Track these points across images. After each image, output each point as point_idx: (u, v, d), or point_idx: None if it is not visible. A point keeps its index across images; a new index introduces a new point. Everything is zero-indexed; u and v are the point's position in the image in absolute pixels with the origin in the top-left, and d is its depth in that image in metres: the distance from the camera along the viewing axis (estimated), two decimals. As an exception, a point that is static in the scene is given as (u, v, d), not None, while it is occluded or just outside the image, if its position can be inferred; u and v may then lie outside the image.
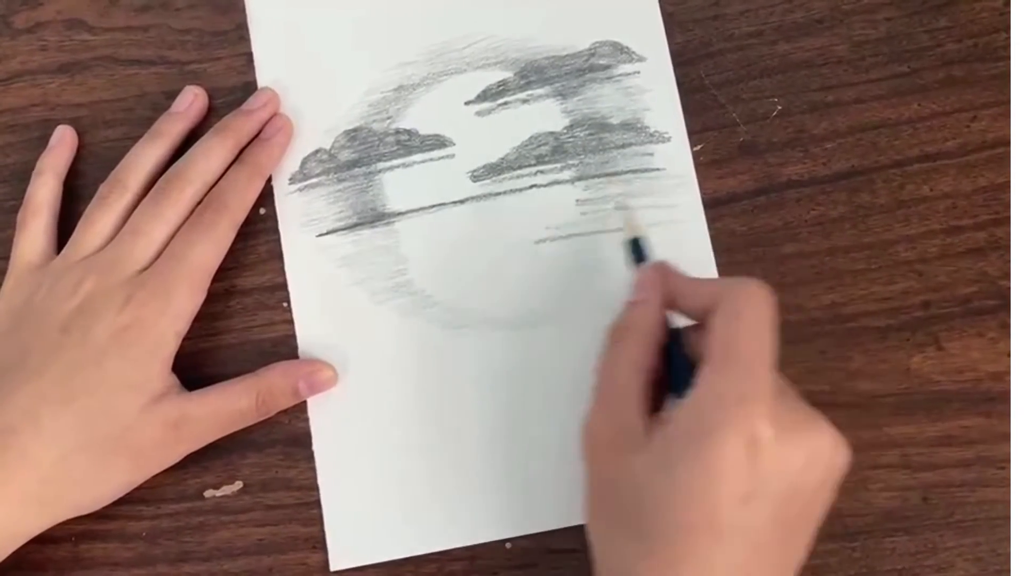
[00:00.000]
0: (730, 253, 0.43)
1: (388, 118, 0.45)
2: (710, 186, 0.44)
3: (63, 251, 0.43)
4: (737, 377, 0.33)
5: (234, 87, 0.46)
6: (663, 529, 0.32)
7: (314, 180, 0.45)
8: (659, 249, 0.43)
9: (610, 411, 0.35)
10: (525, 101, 0.45)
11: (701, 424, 0.32)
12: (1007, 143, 0.43)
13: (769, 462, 0.32)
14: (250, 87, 0.46)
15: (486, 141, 0.45)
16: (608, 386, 0.36)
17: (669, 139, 0.44)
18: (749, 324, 0.33)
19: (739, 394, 0.32)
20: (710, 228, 0.43)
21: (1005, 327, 0.41)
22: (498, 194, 0.44)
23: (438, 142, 0.45)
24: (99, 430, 0.39)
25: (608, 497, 0.35)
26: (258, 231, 0.45)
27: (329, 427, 0.43)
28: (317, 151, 0.45)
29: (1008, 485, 0.40)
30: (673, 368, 0.36)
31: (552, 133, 0.44)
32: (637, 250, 0.40)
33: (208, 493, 0.43)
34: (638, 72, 0.45)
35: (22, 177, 0.45)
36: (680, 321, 0.37)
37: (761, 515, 0.32)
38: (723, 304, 0.34)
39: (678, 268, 0.38)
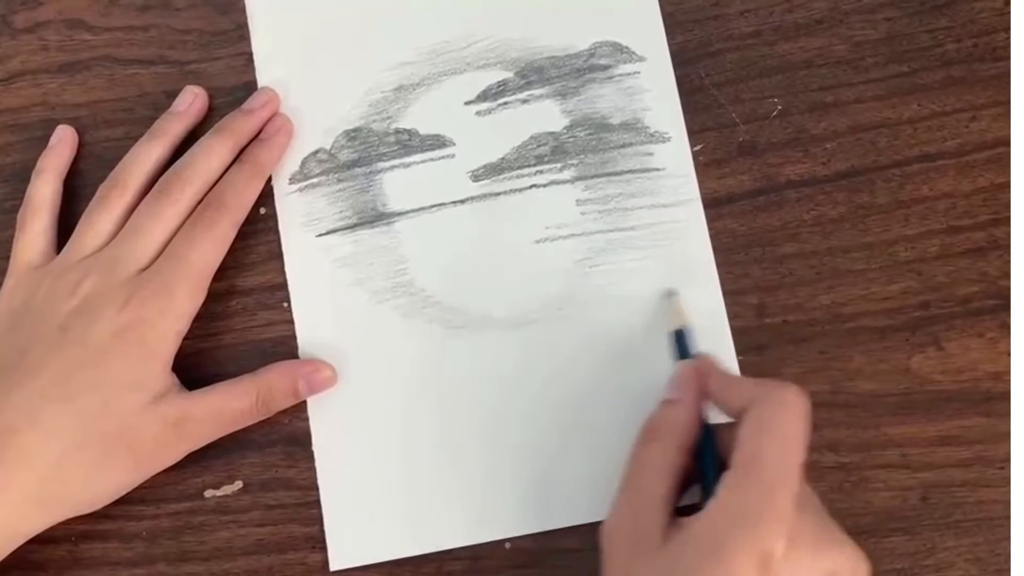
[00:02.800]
0: (730, 253, 0.43)
1: (388, 118, 0.45)
2: (710, 186, 0.44)
3: (63, 251, 0.43)
4: (757, 493, 0.32)
5: (234, 87, 0.46)
6: None
7: (314, 180, 0.45)
8: (657, 250, 0.43)
9: (633, 511, 0.35)
10: (525, 101, 0.45)
11: (715, 538, 0.32)
12: (1007, 143, 0.43)
13: None
14: (250, 87, 0.46)
15: (486, 141, 0.45)
16: (635, 486, 0.36)
17: (669, 139, 0.44)
18: (776, 437, 0.33)
19: (757, 511, 0.32)
20: (710, 228, 0.43)
21: (1005, 327, 0.41)
22: (498, 194, 0.44)
23: (438, 142, 0.45)
24: (99, 429, 0.39)
25: None
26: (258, 231, 0.45)
27: (329, 427, 0.43)
28: (317, 151, 0.45)
29: (1008, 485, 0.40)
30: (703, 465, 0.36)
31: (552, 133, 0.44)
32: (680, 341, 0.40)
33: (208, 493, 0.43)
34: (638, 72, 0.45)
35: (22, 177, 0.45)
36: (717, 416, 0.37)
37: None
38: (754, 410, 0.34)
39: (719, 363, 0.38)
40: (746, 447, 0.33)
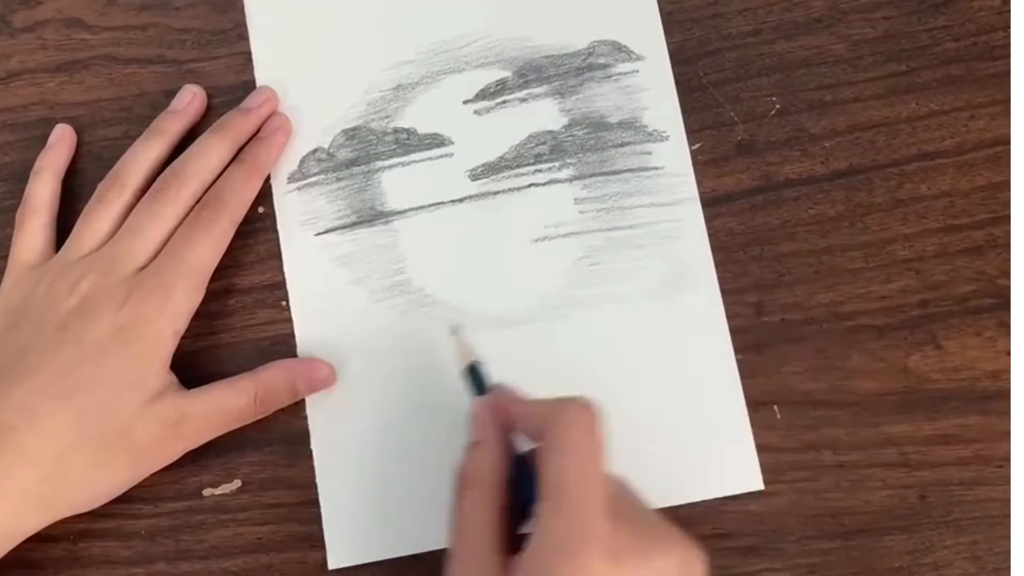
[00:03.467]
0: (728, 252, 0.43)
1: (387, 117, 0.45)
2: (708, 185, 0.44)
3: (62, 250, 0.43)
4: (567, 520, 0.32)
5: (233, 86, 0.46)
6: None
7: (313, 179, 0.45)
8: (656, 248, 0.43)
9: (466, 561, 0.34)
10: (523, 100, 0.45)
11: (540, 573, 0.32)
12: (1005, 142, 0.43)
13: None
14: (249, 86, 0.46)
15: (485, 140, 0.45)
16: (463, 539, 0.35)
17: (667, 138, 0.44)
18: (572, 455, 0.33)
19: (571, 538, 0.32)
20: (708, 227, 0.43)
21: (1003, 326, 0.41)
22: (496, 193, 0.44)
23: (437, 141, 0.45)
24: (97, 428, 0.39)
25: None
26: (257, 230, 0.45)
27: (328, 426, 0.43)
28: (316, 150, 0.45)
29: (1006, 483, 0.40)
30: (524, 496, 0.35)
31: (550, 132, 0.44)
32: (474, 376, 0.38)
33: (207, 492, 0.43)
34: (636, 71, 0.45)
35: (21, 176, 0.45)
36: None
37: None
38: (547, 432, 0.34)
39: (514, 392, 0.37)
40: (548, 474, 0.33)
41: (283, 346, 0.44)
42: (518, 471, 0.36)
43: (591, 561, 0.31)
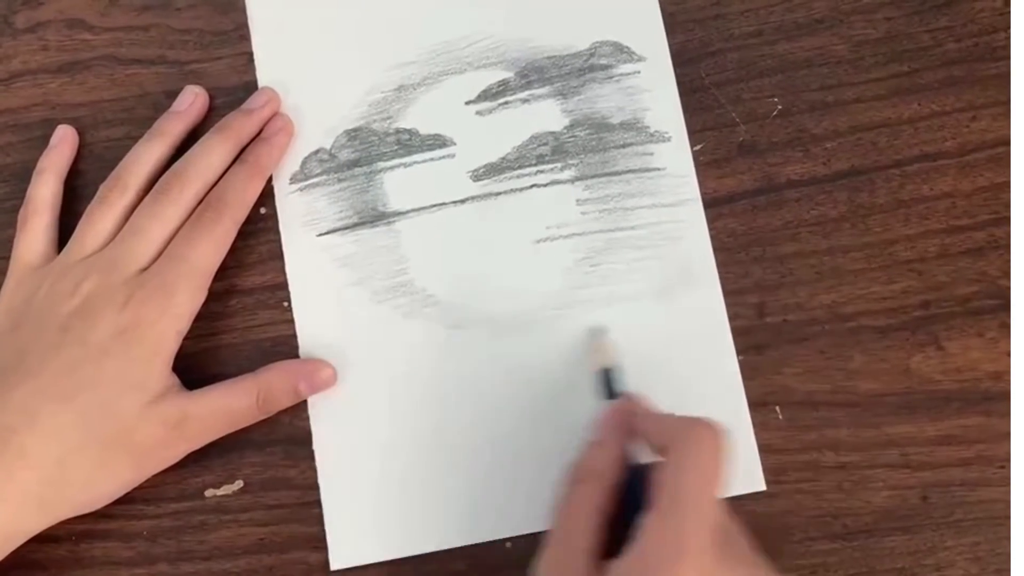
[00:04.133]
0: (730, 253, 0.43)
1: (388, 118, 0.45)
2: (710, 186, 0.44)
3: (64, 250, 0.43)
4: (674, 535, 0.32)
5: (235, 87, 0.46)
6: None
7: (315, 180, 0.45)
8: (658, 249, 0.43)
9: (560, 556, 0.35)
10: (525, 101, 0.45)
11: None
12: (1007, 143, 0.43)
13: None
14: (251, 87, 0.46)
15: (486, 141, 0.45)
16: (562, 529, 0.35)
17: (669, 139, 0.44)
18: (694, 473, 0.33)
19: (673, 553, 0.32)
20: (710, 228, 0.43)
21: (1005, 327, 0.41)
22: (498, 194, 0.44)
23: (438, 142, 0.45)
24: (99, 429, 0.39)
25: None
26: (259, 230, 0.45)
27: (329, 426, 0.43)
28: (318, 151, 0.45)
29: (1008, 484, 0.40)
30: (629, 509, 0.35)
31: (552, 133, 0.45)
32: (607, 381, 0.39)
33: (209, 492, 0.43)
34: (638, 72, 0.45)
35: (23, 177, 0.45)
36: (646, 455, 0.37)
37: None
38: (673, 447, 0.34)
39: (644, 401, 0.38)
40: (664, 488, 0.33)
41: (285, 347, 0.44)
42: (629, 481, 0.36)
43: (684, 574, 0.31)
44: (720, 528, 0.33)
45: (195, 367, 0.43)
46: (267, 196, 0.45)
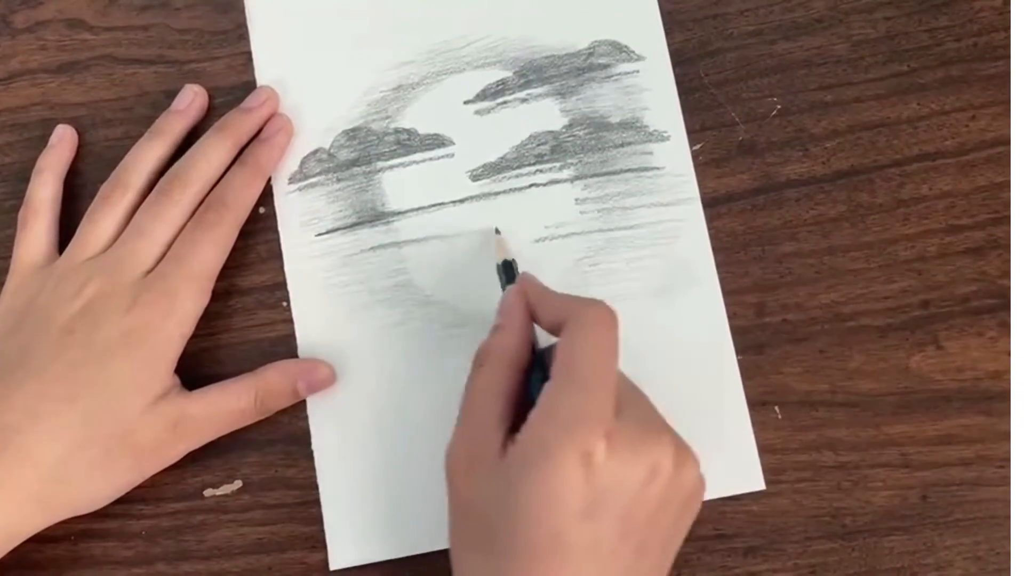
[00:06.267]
0: (729, 252, 0.43)
1: (387, 117, 0.45)
2: (709, 185, 0.44)
3: (66, 251, 0.43)
4: (571, 394, 0.33)
5: (234, 86, 0.46)
6: (512, 549, 0.33)
7: (313, 179, 0.45)
8: (657, 249, 0.43)
9: (470, 435, 0.36)
10: (524, 100, 0.45)
11: (538, 443, 0.33)
12: (1006, 142, 0.43)
13: (606, 476, 0.32)
14: (250, 86, 0.46)
15: (485, 140, 0.45)
16: (469, 410, 0.36)
17: (668, 138, 0.44)
18: (587, 344, 0.35)
19: (572, 411, 0.33)
20: (709, 227, 0.43)
21: (1004, 326, 0.41)
22: (497, 193, 0.44)
23: (437, 141, 0.45)
24: (100, 430, 0.39)
25: (465, 519, 0.35)
26: (258, 230, 0.45)
27: (328, 426, 0.43)
28: (316, 150, 0.45)
29: (1007, 484, 0.40)
30: (533, 389, 0.36)
31: (551, 132, 0.44)
32: (507, 271, 0.41)
33: (208, 492, 0.43)
34: (637, 71, 0.45)
35: (22, 177, 0.45)
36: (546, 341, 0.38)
37: (605, 529, 0.33)
38: (568, 324, 0.35)
39: (539, 284, 0.39)
40: (560, 360, 0.34)
41: (284, 347, 0.44)
42: (534, 365, 0.37)
43: (590, 438, 0.32)
44: (621, 393, 0.34)
45: (194, 367, 0.43)
46: (266, 196, 0.45)
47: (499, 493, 0.34)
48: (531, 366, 0.37)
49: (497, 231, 0.43)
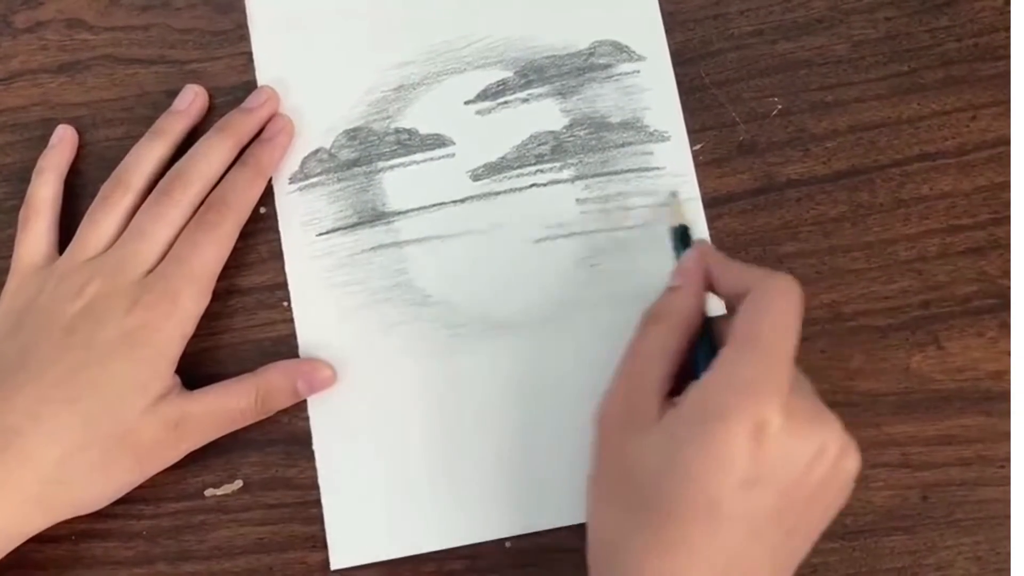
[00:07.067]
0: (730, 252, 0.43)
1: (388, 117, 0.45)
2: (710, 185, 0.44)
3: (67, 251, 0.43)
4: (753, 362, 0.33)
5: (234, 86, 0.46)
6: (664, 508, 0.32)
7: (314, 179, 0.45)
8: (657, 248, 0.43)
9: (628, 391, 0.35)
10: (525, 100, 0.45)
11: (711, 406, 0.32)
12: (1007, 142, 0.43)
13: (775, 450, 0.32)
14: (250, 86, 0.46)
15: (486, 140, 0.45)
16: (632, 367, 0.36)
17: (669, 138, 0.44)
18: (773, 314, 0.34)
19: (752, 379, 0.32)
20: (710, 227, 0.43)
21: (1005, 326, 0.41)
22: (498, 193, 0.44)
23: (438, 141, 0.45)
24: (101, 430, 0.39)
25: (614, 475, 0.35)
26: (258, 230, 0.45)
27: (329, 426, 0.43)
28: (317, 150, 0.45)
29: (1008, 484, 0.40)
30: (699, 355, 0.36)
31: (552, 132, 0.44)
32: (683, 237, 0.40)
33: (208, 492, 0.43)
34: (638, 71, 0.45)
35: (22, 176, 0.45)
36: (717, 310, 0.37)
37: (762, 503, 0.32)
38: (753, 292, 0.34)
39: (718, 251, 0.38)
40: (743, 327, 0.34)
41: (284, 347, 0.44)
42: (702, 334, 0.36)
43: (767, 408, 0.32)
44: (795, 376, 0.33)
45: (194, 367, 0.43)
46: (267, 196, 0.45)
47: (657, 451, 0.33)
48: (699, 333, 0.36)
49: (675, 195, 0.43)
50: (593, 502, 0.36)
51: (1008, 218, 0.42)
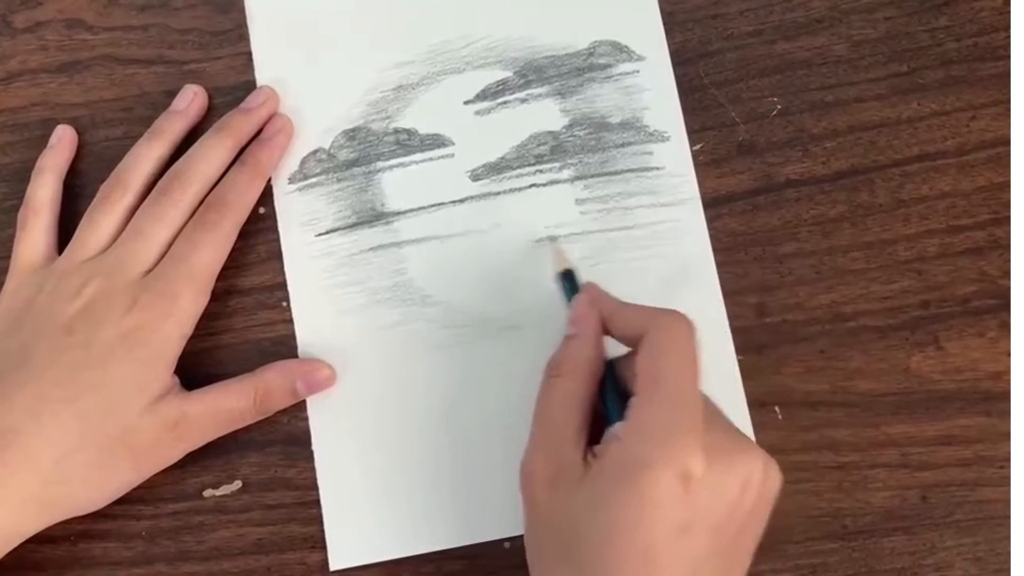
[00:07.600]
0: (729, 252, 0.43)
1: (387, 118, 0.45)
2: (709, 185, 0.44)
3: (66, 251, 0.43)
4: (666, 407, 0.33)
5: (234, 86, 0.46)
6: (600, 563, 0.32)
7: (313, 180, 0.45)
8: (657, 249, 0.43)
9: (548, 449, 0.35)
10: (524, 100, 0.45)
11: (634, 459, 0.33)
12: (1006, 143, 0.43)
13: (703, 492, 0.32)
14: (250, 86, 0.46)
15: (485, 140, 0.45)
16: (545, 423, 0.36)
17: (668, 138, 0.44)
18: (674, 355, 0.34)
19: (669, 428, 0.33)
20: (709, 227, 0.43)
21: (1004, 326, 0.41)
22: (497, 193, 0.44)
23: (437, 141, 0.45)
24: (100, 431, 0.39)
25: (547, 534, 0.35)
26: (258, 231, 0.45)
27: (328, 427, 0.43)
28: (316, 151, 0.45)
29: (1007, 484, 0.40)
30: (608, 399, 0.36)
31: (551, 132, 0.44)
32: (570, 282, 0.40)
33: (207, 492, 0.43)
34: (637, 71, 0.45)
35: (22, 177, 0.45)
36: (615, 350, 0.37)
37: (698, 546, 0.32)
38: (650, 334, 0.35)
39: (608, 294, 0.38)
40: (647, 371, 0.34)
41: (284, 347, 0.44)
42: (605, 376, 0.37)
43: (688, 454, 0.32)
44: (704, 407, 0.34)
45: (194, 367, 0.43)
46: (266, 196, 0.45)
47: (587, 507, 0.33)
48: (603, 378, 0.37)
49: (552, 239, 0.43)
50: (533, 562, 0.36)
51: (1008, 218, 0.42)
